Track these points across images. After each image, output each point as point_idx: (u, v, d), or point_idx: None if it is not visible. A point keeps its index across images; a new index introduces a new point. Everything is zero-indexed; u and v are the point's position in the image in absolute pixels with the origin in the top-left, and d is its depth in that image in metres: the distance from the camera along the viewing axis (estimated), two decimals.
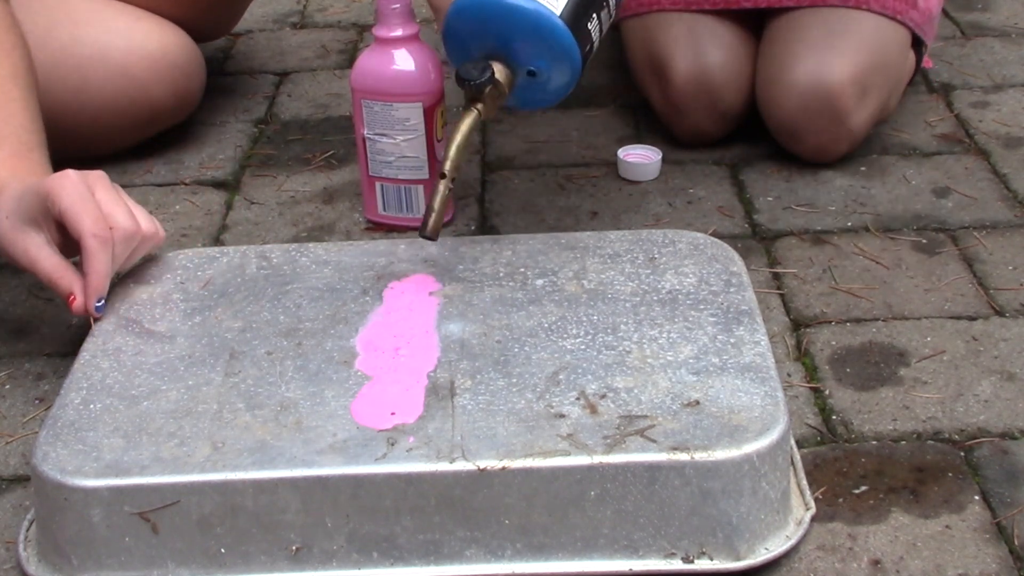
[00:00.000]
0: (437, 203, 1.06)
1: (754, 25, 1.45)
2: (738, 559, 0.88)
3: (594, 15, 1.10)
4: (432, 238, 1.06)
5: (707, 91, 1.40)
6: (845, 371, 1.09)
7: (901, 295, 1.18)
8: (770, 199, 1.35)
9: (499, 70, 1.08)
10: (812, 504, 0.92)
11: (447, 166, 1.07)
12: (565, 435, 0.88)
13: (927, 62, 1.54)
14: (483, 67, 1.07)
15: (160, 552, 0.87)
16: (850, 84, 1.34)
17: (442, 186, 1.07)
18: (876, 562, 0.89)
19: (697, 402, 0.91)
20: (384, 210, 1.31)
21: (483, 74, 1.07)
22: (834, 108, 1.34)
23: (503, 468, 0.86)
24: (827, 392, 1.06)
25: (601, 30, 1.12)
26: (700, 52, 1.40)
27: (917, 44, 1.44)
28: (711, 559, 0.87)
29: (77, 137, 1.36)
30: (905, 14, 1.39)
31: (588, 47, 1.10)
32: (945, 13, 1.77)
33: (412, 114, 1.24)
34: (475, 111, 1.09)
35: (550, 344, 0.98)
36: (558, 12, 1.07)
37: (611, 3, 1.12)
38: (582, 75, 1.11)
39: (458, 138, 1.08)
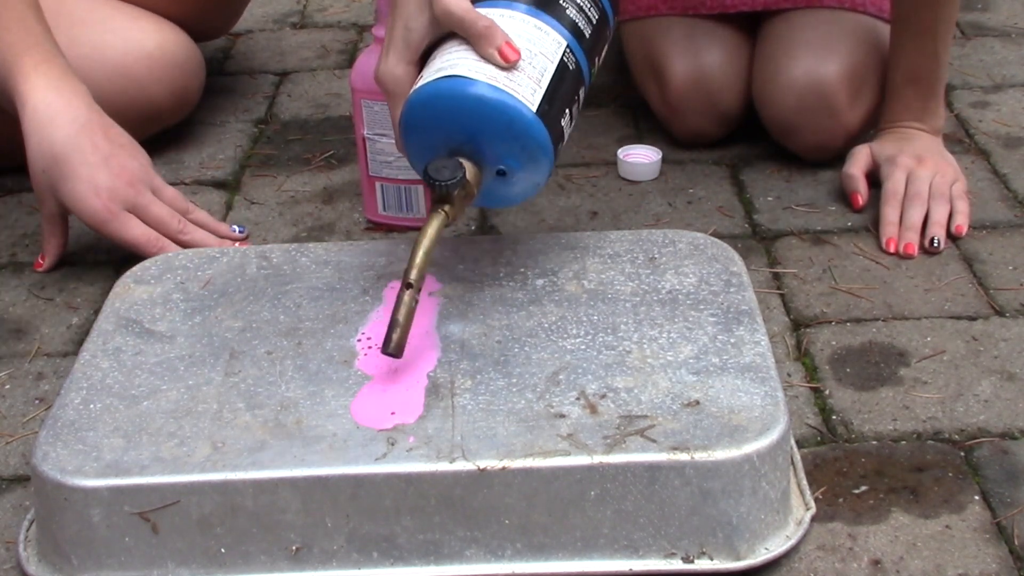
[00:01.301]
0: (402, 316, 0.93)
1: (750, 28, 1.45)
2: (738, 559, 0.88)
3: (567, 110, 1.01)
4: (396, 355, 0.93)
5: (705, 93, 1.40)
6: (845, 371, 1.09)
7: (901, 295, 1.18)
8: (770, 199, 1.35)
9: (468, 169, 0.98)
10: (812, 504, 0.92)
11: (413, 275, 0.95)
12: (565, 435, 0.88)
13: None
14: (454, 166, 0.97)
15: (160, 552, 0.87)
16: (844, 80, 1.35)
17: (407, 297, 0.94)
18: (876, 562, 0.89)
19: (697, 402, 0.91)
20: (384, 210, 1.31)
21: (454, 174, 0.96)
22: (829, 104, 1.35)
23: (503, 468, 0.86)
24: (827, 392, 1.06)
25: (571, 125, 1.02)
26: (698, 54, 1.41)
27: None
28: (711, 559, 0.87)
29: None
30: None
31: (560, 143, 1.01)
32: None
33: None
34: (442, 213, 0.98)
35: (550, 344, 0.98)
36: (533, 108, 0.97)
37: (580, 97, 1.03)
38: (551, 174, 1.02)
39: (425, 243, 0.96)
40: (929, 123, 1.33)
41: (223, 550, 0.87)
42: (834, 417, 1.04)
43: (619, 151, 1.41)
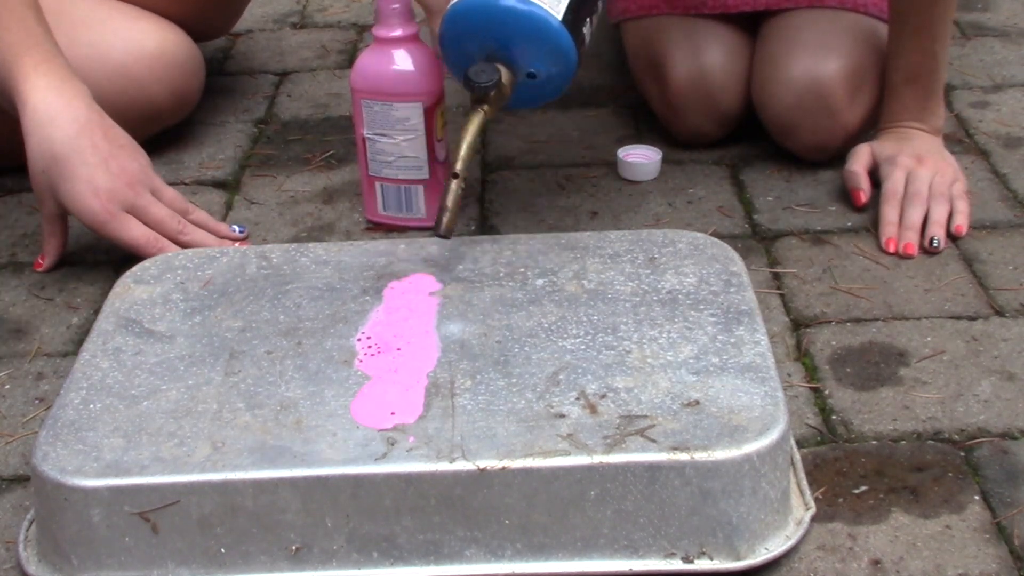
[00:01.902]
0: (450, 201, 1.07)
1: (751, 28, 1.45)
2: (738, 559, 0.88)
3: (587, 19, 1.13)
4: (446, 236, 1.07)
5: (705, 93, 1.40)
6: (845, 371, 1.09)
7: (901, 295, 1.18)
8: (770, 199, 1.35)
9: (503, 73, 1.10)
10: (812, 504, 0.92)
11: (458, 165, 1.08)
12: (565, 435, 0.88)
13: None
14: (491, 69, 1.09)
15: (160, 552, 0.87)
16: (843, 80, 1.35)
17: (454, 185, 1.08)
18: (876, 562, 0.89)
19: (697, 402, 0.91)
20: (384, 210, 1.31)
21: (491, 77, 1.09)
22: (828, 104, 1.35)
23: (503, 468, 0.86)
24: (827, 392, 1.06)
25: (591, 32, 1.14)
26: (698, 54, 1.41)
27: None
28: (711, 559, 0.87)
29: None
30: None
31: (583, 48, 1.13)
32: None
33: (412, 114, 1.24)
34: (481, 111, 1.11)
35: (550, 344, 0.98)
36: (559, 16, 1.09)
37: (599, 6, 1.15)
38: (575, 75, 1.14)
39: (468, 137, 1.09)
40: (928, 123, 1.33)
41: (223, 550, 0.87)
42: (834, 417, 1.04)
43: (619, 151, 1.41)
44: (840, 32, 1.38)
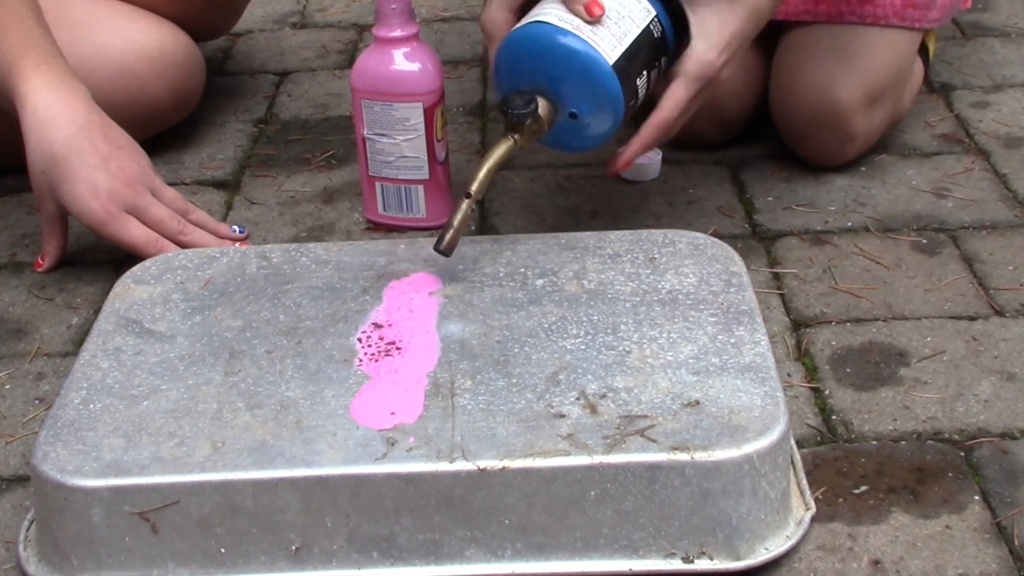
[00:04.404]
0: (457, 220, 1.05)
1: (766, 41, 1.44)
2: (738, 559, 0.88)
3: (644, 72, 1.10)
4: (446, 253, 1.05)
5: (711, 100, 1.39)
6: (845, 371, 1.09)
7: (901, 295, 1.18)
8: (770, 199, 1.35)
9: (542, 105, 1.07)
10: (812, 504, 0.92)
11: (474, 187, 1.06)
12: (565, 435, 0.88)
13: (965, 2, 1.48)
14: (528, 99, 1.07)
15: (160, 552, 0.87)
16: (858, 101, 1.33)
17: (465, 204, 1.05)
18: (876, 562, 0.89)
19: (697, 402, 0.91)
20: (384, 210, 1.31)
21: (527, 106, 1.06)
22: (841, 124, 1.34)
23: (503, 468, 0.86)
24: (827, 392, 1.06)
25: (648, 87, 1.11)
26: None
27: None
28: (711, 559, 0.87)
29: None
30: (923, 20, 1.38)
31: (633, 101, 1.10)
32: None
33: (412, 114, 1.24)
34: (512, 140, 1.08)
35: (550, 344, 0.98)
36: (611, 61, 1.07)
37: (663, 63, 1.12)
38: (620, 126, 1.11)
39: (490, 162, 1.07)
40: None
41: (223, 550, 0.87)
42: (834, 417, 1.04)
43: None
44: (858, 49, 1.35)
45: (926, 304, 1.17)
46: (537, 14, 1.09)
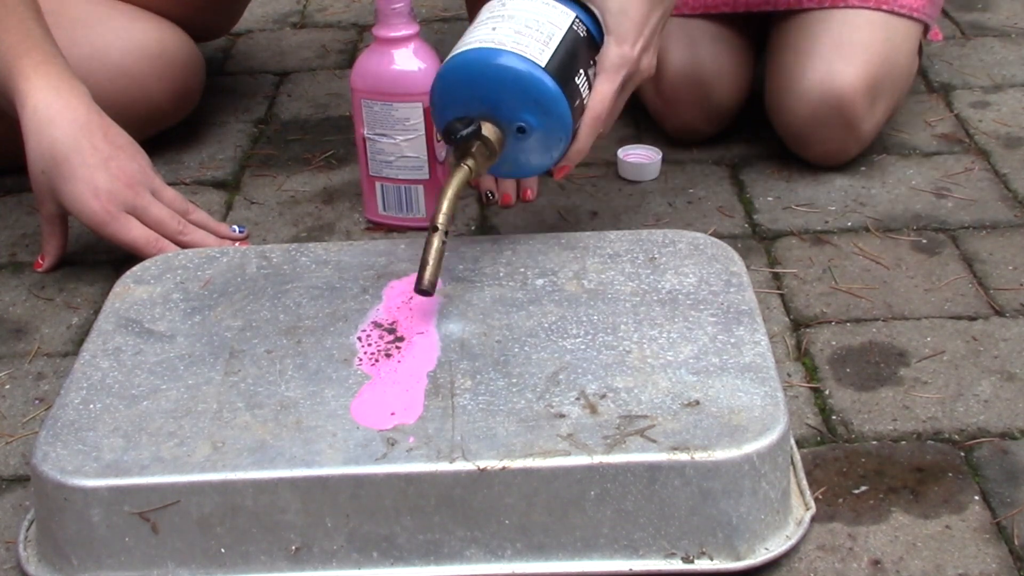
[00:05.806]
0: (432, 256, 1.00)
1: (755, 30, 1.45)
2: (738, 559, 0.88)
3: (581, 71, 1.09)
4: (428, 293, 1.00)
5: (698, 84, 1.40)
6: (845, 371, 1.09)
7: (901, 295, 1.18)
8: (770, 199, 1.35)
9: (487, 128, 1.06)
10: (812, 504, 0.92)
11: (440, 219, 1.02)
12: (565, 435, 0.88)
13: (936, 34, 1.48)
14: (468, 122, 1.05)
15: (160, 552, 0.87)
16: (862, 92, 1.33)
17: (436, 239, 1.01)
18: (876, 562, 0.89)
19: (697, 402, 0.91)
20: (384, 210, 1.31)
21: (468, 126, 1.05)
22: (845, 117, 1.33)
23: (503, 468, 0.86)
24: (827, 392, 1.06)
25: (588, 86, 1.10)
26: (693, 46, 1.40)
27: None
28: (711, 559, 0.87)
29: None
30: (921, 10, 1.38)
31: (577, 101, 1.08)
32: (945, 13, 1.77)
33: (412, 114, 1.24)
34: (466, 167, 1.05)
35: (550, 344, 0.98)
36: (542, 63, 1.06)
37: (597, 62, 1.12)
38: (573, 135, 1.09)
39: (449, 192, 1.04)
40: None
41: (223, 550, 0.87)
42: (834, 417, 1.04)
43: (619, 151, 1.41)
44: (858, 36, 1.34)
45: (926, 304, 1.17)
46: (453, 50, 1.09)
